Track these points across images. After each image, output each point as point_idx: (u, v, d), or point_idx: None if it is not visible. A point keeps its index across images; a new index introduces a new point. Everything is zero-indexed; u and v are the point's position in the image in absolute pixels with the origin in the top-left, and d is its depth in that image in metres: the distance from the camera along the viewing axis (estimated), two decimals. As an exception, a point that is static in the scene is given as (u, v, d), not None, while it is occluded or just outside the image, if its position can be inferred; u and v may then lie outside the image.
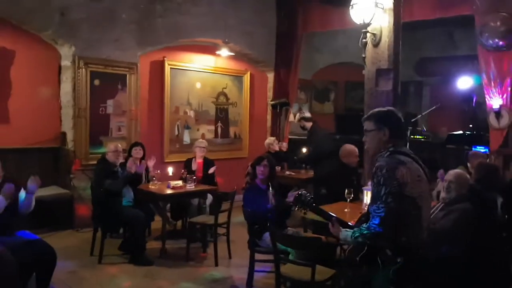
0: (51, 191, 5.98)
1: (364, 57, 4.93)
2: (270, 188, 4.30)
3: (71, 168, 6.12)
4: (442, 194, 3.63)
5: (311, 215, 3.05)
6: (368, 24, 4.78)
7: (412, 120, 8.67)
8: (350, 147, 5.16)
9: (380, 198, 2.29)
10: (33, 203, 3.78)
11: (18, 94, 5.93)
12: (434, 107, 8.51)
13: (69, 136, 6.13)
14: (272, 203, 4.22)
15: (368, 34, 4.84)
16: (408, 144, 7.57)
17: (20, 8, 5.57)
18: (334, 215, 2.71)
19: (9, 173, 3.84)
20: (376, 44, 4.82)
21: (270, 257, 3.72)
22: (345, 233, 2.50)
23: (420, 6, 6.15)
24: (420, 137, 9.01)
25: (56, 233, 5.76)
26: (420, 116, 8.87)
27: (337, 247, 3.77)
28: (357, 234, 2.38)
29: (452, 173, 3.64)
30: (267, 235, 3.89)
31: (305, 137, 6.85)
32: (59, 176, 6.22)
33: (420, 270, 2.38)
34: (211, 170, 6.02)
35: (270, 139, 7.24)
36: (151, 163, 5.74)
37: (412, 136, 8.48)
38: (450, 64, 9.89)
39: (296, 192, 2.85)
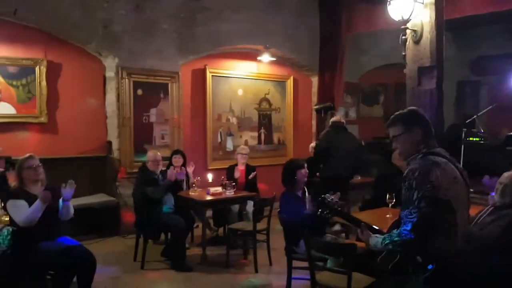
0: (99, 198, 6.17)
1: (405, 55, 4.69)
2: (307, 194, 4.17)
3: (117, 176, 6.29)
4: (496, 198, 3.34)
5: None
6: (408, 20, 4.55)
7: (467, 121, 8.17)
8: None
9: (412, 202, 2.15)
10: (72, 210, 3.87)
11: (66, 106, 6.18)
12: (490, 107, 7.99)
13: (115, 145, 6.32)
14: (309, 209, 4.09)
15: (408, 31, 4.61)
16: (462, 147, 7.13)
17: (66, 23, 5.85)
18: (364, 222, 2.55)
19: (51, 183, 3.96)
20: (417, 41, 4.57)
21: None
22: (375, 240, 2.35)
23: (470, 1, 5.78)
24: (477, 139, 8.45)
25: (104, 240, 5.92)
26: (475, 116, 8.32)
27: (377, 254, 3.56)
28: (387, 241, 2.25)
29: (507, 175, 3.33)
30: (303, 242, 3.76)
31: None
32: (106, 184, 6.41)
33: (456, 278, 2.17)
34: (251, 176, 5.97)
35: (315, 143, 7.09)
36: (190, 169, 5.78)
37: (467, 139, 7.98)
38: (510, 62, 9.26)
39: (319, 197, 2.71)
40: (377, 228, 2.52)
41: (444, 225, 2.14)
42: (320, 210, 2.62)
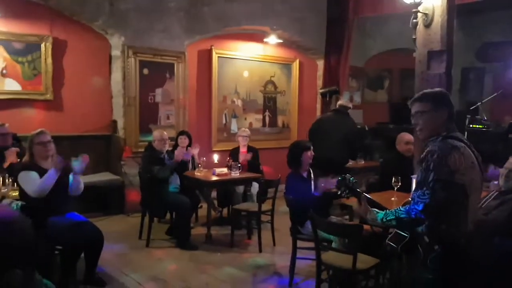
0: (104, 177, 6.20)
1: (415, 39, 4.65)
2: (312, 175, 4.20)
3: (121, 155, 6.32)
4: (500, 182, 3.36)
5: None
6: (419, 3, 4.50)
7: (471, 108, 8.16)
8: (406, 135, 4.96)
9: (427, 184, 2.14)
10: (82, 185, 3.91)
11: (71, 83, 6.16)
12: (494, 94, 7.96)
13: (120, 124, 6.32)
14: (316, 190, 4.11)
15: (419, 14, 4.55)
16: (466, 134, 7.13)
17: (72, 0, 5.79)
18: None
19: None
20: (427, 25, 4.52)
21: (313, 244, 3.64)
22: (374, 214, 2.36)
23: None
24: (480, 126, 8.45)
25: (108, 218, 5.99)
26: (479, 104, 8.32)
27: (381, 236, 3.60)
28: (391, 217, 2.26)
29: (512, 160, 3.35)
30: (309, 222, 3.80)
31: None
32: (111, 163, 6.44)
33: (462, 261, 2.20)
34: (248, 156, 5.96)
35: None
36: (195, 151, 5.79)
37: (471, 126, 7.98)
38: (515, 49, 9.20)
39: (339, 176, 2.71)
40: (379, 203, 2.53)
41: (456, 208, 2.15)
42: (341, 190, 2.62)
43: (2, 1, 5.58)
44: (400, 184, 4.01)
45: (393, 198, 3.86)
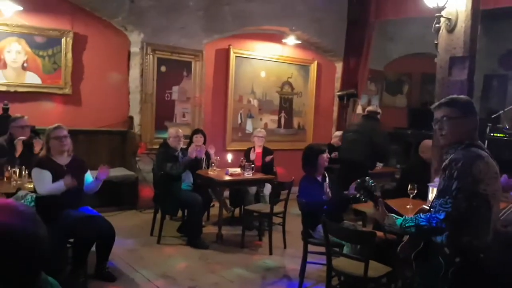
0: (118, 172, 6.22)
1: (437, 44, 4.55)
2: (327, 179, 4.15)
3: (137, 151, 6.35)
4: None
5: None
6: (443, 8, 4.41)
7: (493, 116, 7.98)
8: (430, 142, 4.89)
9: (450, 192, 2.09)
10: (98, 188, 3.95)
11: (90, 79, 6.21)
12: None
13: (136, 120, 6.36)
14: (328, 195, 4.07)
15: (442, 19, 4.46)
16: (486, 142, 6.97)
17: (94, -4, 5.86)
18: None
19: (79, 153, 4.03)
20: (450, 30, 4.42)
21: (325, 249, 3.59)
22: (392, 219, 2.30)
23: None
24: (501, 135, 8.26)
25: (121, 213, 6.03)
26: (502, 112, 8.13)
27: (394, 244, 3.54)
28: (410, 224, 2.20)
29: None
30: (321, 227, 3.75)
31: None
32: (126, 159, 6.48)
33: (481, 274, 2.14)
34: (267, 159, 5.97)
35: (341, 133, 7.05)
36: (211, 150, 5.79)
37: (492, 134, 7.80)
38: (541, 57, 8.99)
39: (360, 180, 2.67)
40: (396, 210, 2.49)
41: (479, 220, 2.10)
42: (360, 192, 2.59)
43: (25, -5, 5.66)
44: (416, 191, 3.93)
45: (408, 206, 3.79)
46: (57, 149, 3.76)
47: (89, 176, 3.98)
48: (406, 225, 2.22)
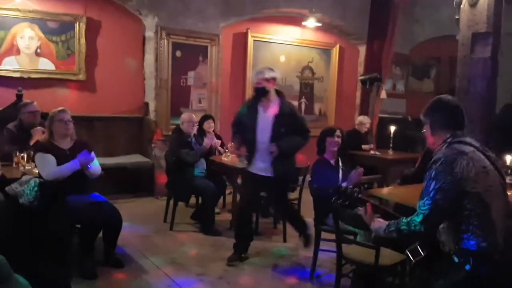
0: (134, 159, 6.20)
1: (458, 19, 4.26)
2: (341, 164, 3.95)
3: (152, 137, 6.30)
4: None
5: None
6: (465, -20, 4.11)
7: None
8: None
9: (428, 193, 1.99)
10: (96, 170, 3.85)
11: (104, 64, 6.16)
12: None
13: (151, 107, 6.29)
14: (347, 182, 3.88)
15: (464, -8, 4.17)
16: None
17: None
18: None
19: (95, 140, 3.99)
20: (473, 4, 4.11)
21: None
22: (379, 224, 2.22)
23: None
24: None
25: (138, 199, 6.02)
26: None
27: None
28: (392, 228, 2.12)
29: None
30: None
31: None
32: (142, 145, 6.42)
33: (495, 276, 1.97)
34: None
35: (365, 118, 6.80)
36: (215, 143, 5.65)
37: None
38: None
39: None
40: (393, 213, 2.35)
41: (479, 220, 1.95)
42: (335, 197, 2.47)
43: (38, -19, 5.64)
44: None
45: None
46: (60, 132, 3.71)
47: (95, 160, 3.90)
48: (389, 230, 2.14)
